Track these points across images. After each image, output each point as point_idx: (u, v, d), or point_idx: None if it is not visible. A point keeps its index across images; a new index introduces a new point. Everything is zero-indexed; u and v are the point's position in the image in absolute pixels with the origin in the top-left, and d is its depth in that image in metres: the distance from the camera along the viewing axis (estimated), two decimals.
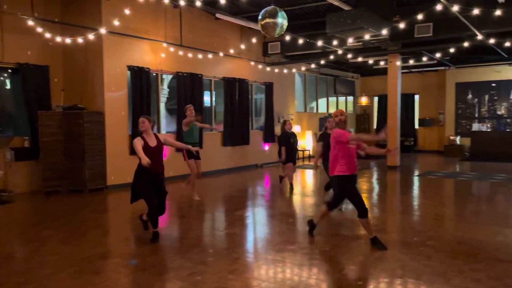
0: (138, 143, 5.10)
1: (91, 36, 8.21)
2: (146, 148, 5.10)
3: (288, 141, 8.57)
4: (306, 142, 15.39)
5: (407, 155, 15.78)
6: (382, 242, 4.76)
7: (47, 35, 8.06)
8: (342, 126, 4.91)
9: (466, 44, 10.54)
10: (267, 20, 6.20)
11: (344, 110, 5.11)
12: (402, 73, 13.58)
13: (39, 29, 7.84)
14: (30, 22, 7.63)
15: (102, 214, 7.00)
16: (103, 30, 8.13)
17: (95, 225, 6.06)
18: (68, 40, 8.36)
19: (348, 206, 7.27)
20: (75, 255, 4.60)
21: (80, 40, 8.29)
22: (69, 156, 8.53)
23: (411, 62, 14.20)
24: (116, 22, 8.07)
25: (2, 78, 8.80)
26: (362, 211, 4.76)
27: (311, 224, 5.31)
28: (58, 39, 8.36)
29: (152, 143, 5.21)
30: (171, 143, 5.85)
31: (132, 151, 9.28)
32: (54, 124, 8.47)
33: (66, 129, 8.50)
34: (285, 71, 14.10)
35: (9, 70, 8.67)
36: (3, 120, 8.88)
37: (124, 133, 9.27)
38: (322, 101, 17.34)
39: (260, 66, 12.93)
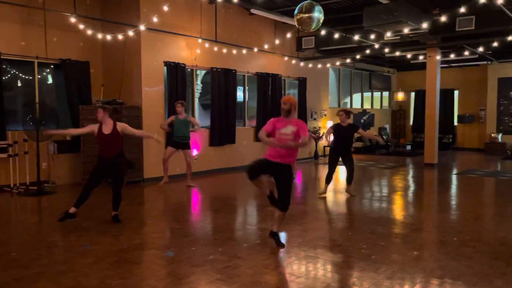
0: (88, 127, 5.91)
1: (130, 33, 8.41)
2: (99, 134, 5.66)
3: None
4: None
5: (445, 153, 15.31)
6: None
7: (89, 32, 8.32)
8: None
9: (510, 38, 10.09)
10: (303, 14, 6.14)
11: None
12: (441, 67, 13.15)
13: (81, 26, 8.11)
14: (72, 19, 7.90)
15: (139, 206, 7.19)
16: (142, 27, 8.31)
17: (133, 217, 6.23)
18: (108, 37, 8.61)
19: (381, 205, 7.15)
20: (114, 246, 4.75)
21: (120, 36, 8.52)
22: None
23: (452, 56, 13.72)
24: (154, 19, 8.22)
25: (45, 73, 9.15)
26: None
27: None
28: (99, 35, 8.62)
29: (107, 130, 5.66)
30: (131, 131, 5.96)
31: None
32: (94, 118, 8.71)
33: None
34: (319, 66, 13.94)
35: (52, 66, 9.02)
36: (46, 114, 9.22)
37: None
38: (356, 96, 17.06)
39: (293, 61, 12.85)
